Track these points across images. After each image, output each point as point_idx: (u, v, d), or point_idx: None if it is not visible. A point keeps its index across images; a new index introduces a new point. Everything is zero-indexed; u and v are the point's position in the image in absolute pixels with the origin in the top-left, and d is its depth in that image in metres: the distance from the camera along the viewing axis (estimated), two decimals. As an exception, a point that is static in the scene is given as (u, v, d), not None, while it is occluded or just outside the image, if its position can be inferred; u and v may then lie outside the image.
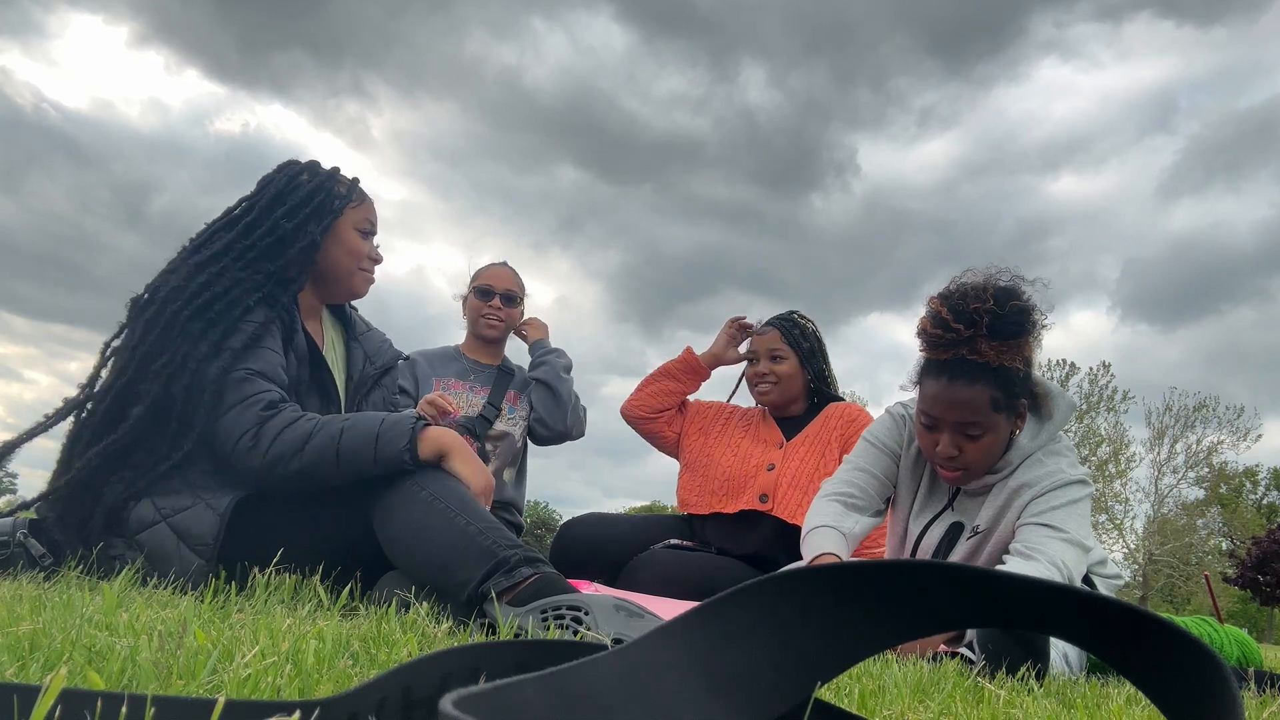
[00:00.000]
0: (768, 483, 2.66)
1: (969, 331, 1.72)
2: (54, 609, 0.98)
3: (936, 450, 1.83)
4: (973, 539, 1.89)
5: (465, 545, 1.45)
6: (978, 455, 1.81)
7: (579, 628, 1.25)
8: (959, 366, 1.75)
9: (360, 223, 1.92)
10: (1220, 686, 0.43)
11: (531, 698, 0.39)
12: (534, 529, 25.81)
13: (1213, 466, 29.86)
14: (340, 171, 1.94)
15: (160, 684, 0.66)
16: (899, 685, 1.02)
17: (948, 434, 1.80)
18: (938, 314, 1.76)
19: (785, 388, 2.79)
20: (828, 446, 2.70)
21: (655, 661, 0.48)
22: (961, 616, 0.52)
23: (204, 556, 1.52)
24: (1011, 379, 1.76)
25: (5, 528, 1.64)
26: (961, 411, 1.77)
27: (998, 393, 1.75)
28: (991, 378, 1.74)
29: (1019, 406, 1.82)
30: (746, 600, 0.51)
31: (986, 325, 1.71)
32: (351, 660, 0.83)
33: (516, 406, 2.92)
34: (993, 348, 1.72)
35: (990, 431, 1.78)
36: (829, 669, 0.54)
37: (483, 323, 2.95)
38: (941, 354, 1.77)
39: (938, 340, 1.76)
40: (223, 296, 1.68)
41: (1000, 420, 1.79)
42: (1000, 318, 1.71)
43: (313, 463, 1.57)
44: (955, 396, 1.76)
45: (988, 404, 1.76)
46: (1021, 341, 1.75)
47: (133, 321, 1.71)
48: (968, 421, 1.77)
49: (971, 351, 1.73)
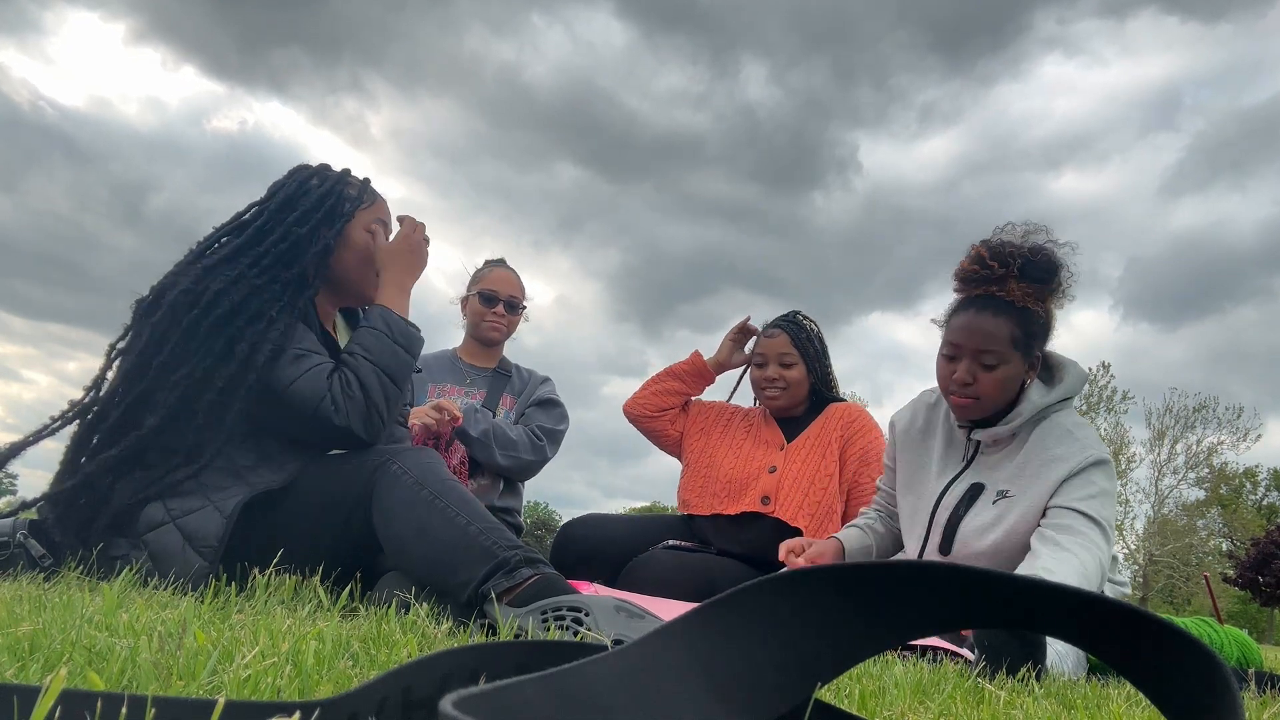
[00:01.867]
0: (770, 485, 2.66)
1: (1002, 270, 1.89)
2: (54, 609, 0.98)
3: (953, 378, 1.96)
4: (999, 502, 1.95)
5: (466, 546, 1.45)
6: (990, 387, 1.94)
7: (579, 629, 1.25)
8: (987, 300, 1.92)
9: (370, 223, 1.91)
10: (1220, 687, 0.43)
11: (531, 698, 0.39)
12: (534, 530, 25.79)
13: (1213, 467, 29.88)
14: (351, 173, 1.93)
15: (160, 685, 0.66)
16: (899, 686, 1.02)
17: (966, 361, 1.94)
18: (977, 254, 1.94)
19: (794, 393, 2.79)
20: (828, 448, 2.70)
21: (655, 662, 0.48)
22: (962, 617, 0.52)
23: (207, 559, 1.51)
24: (1032, 321, 1.92)
25: (5, 528, 1.64)
26: (983, 339, 1.91)
27: (1018, 330, 1.91)
28: (1015, 315, 1.91)
29: (1035, 351, 1.95)
30: (746, 601, 0.51)
31: (1018, 266, 1.88)
32: (351, 661, 0.83)
33: (513, 411, 2.89)
34: (1020, 288, 1.89)
35: (1004, 364, 1.92)
36: (829, 670, 0.54)
37: (485, 326, 2.94)
38: (974, 289, 1.94)
39: (973, 276, 1.94)
40: (243, 308, 1.67)
41: (1016, 357, 1.92)
42: (1031, 262, 1.89)
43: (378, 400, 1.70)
44: (980, 325, 1.92)
45: (1008, 338, 1.91)
46: (1047, 288, 1.91)
47: (138, 324, 1.70)
48: (986, 350, 1.91)
49: (1001, 289, 1.90)
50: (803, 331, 2.81)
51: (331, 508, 1.62)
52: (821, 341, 2.85)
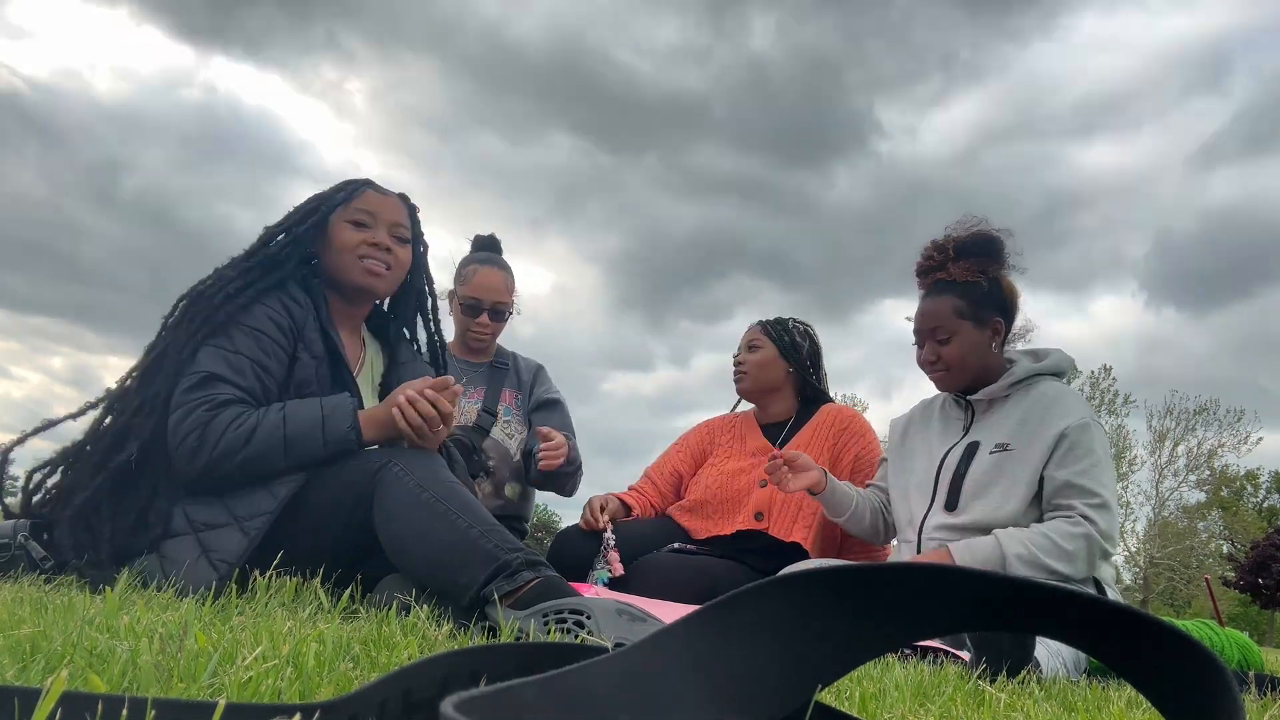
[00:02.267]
0: (762, 500, 2.62)
1: (941, 257, 2.17)
2: (55, 612, 0.99)
3: (922, 359, 2.20)
4: (996, 454, 2.07)
5: (467, 548, 1.45)
6: (952, 356, 2.15)
7: (580, 631, 1.25)
8: (934, 286, 2.19)
9: (351, 215, 1.87)
10: (1221, 689, 0.43)
11: (532, 700, 0.39)
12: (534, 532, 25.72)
13: (1213, 470, 29.85)
14: (368, 181, 1.94)
15: (161, 687, 0.66)
16: (900, 688, 1.02)
17: (927, 343, 2.18)
18: (925, 250, 2.22)
19: (758, 376, 2.77)
20: (819, 458, 2.64)
21: (656, 664, 0.48)
22: (963, 619, 0.52)
23: (221, 572, 1.52)
24: (975, 291, 2.14)
25: (6, 531, 1.64)
26: (930, 320, 2.16)
27: (960, 302, 2.14)
28: (956, 290, 2.15)
29: (988, 318, 2.15)
30: (747, 603, 0.51)
31: (954, 248, 2.16)
32: (352, 663, 0.83)
33: (512, 407, 2.79)
34: (959, 267, 2.14)
35: (956, 335, 2.14)
36: (830, 672, 0.54)
37: (470, 336, 2.79)
38: (926, 281, 2.21)
39: (921, 269, 2.22)
40: (224, 303, 1.71)
41: (965, 326, 2.14)
42: (964, 243, 2.16)
43: (260, 452, 1.60)
44: (926, 308, 2.18)
45: (950, 311, 2.14)
46: (985, 262, 2.15)
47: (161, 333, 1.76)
48: (935, 327, 2.16)
49: (942, 271, 2.17)
50: (779, 325, 2.81)
51: (333, 509, 1.62)
52: (808, 337, 2.83)
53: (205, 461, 1.60)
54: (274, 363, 1.72)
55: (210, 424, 1.61)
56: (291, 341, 1.76)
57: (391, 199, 1.92)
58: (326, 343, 1.81)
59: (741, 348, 2.84)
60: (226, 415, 1.62)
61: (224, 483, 1.62)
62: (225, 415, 1.62)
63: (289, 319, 1.76)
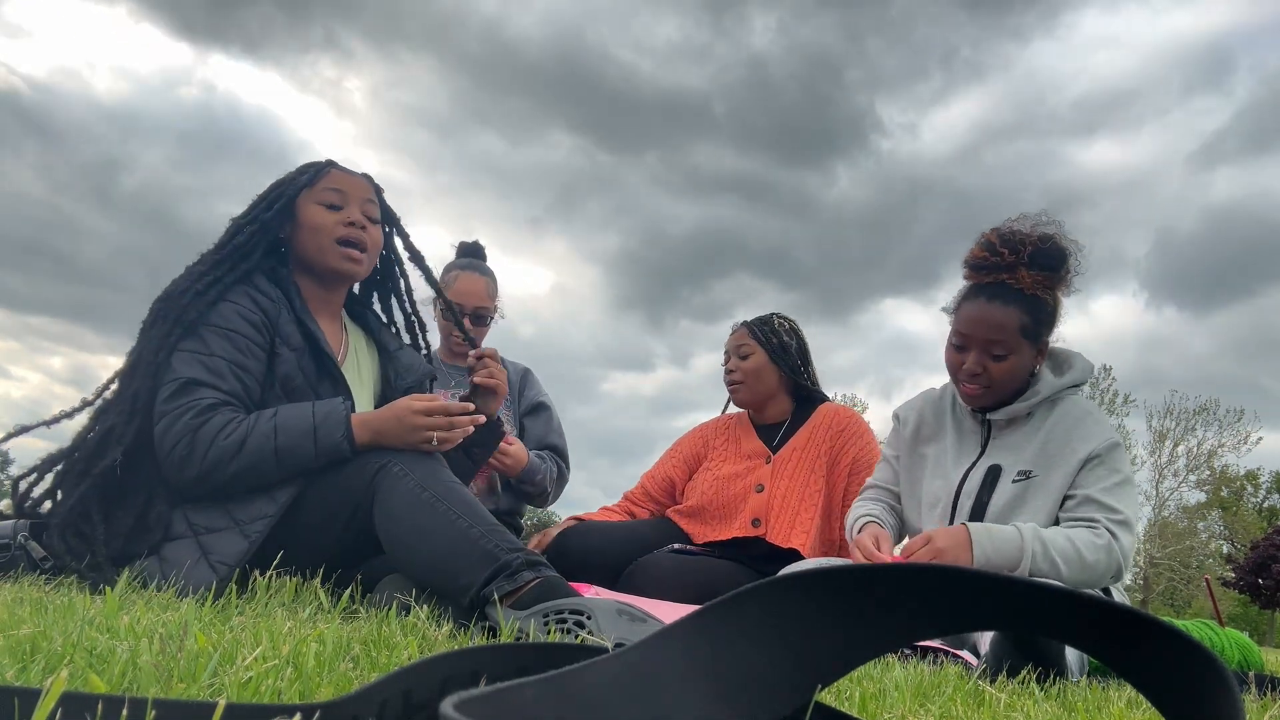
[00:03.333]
0: (759, 505, 2.59)
1: (1012, 257, 1.90)
2: (55, 612, 0.99)
3: (963, 368, 1.97)
4: (1020, 483, 1.95)
5: (468, 548, 1.45)
6: (1000, 375, 1.95)
7: (581, 631, 1.24)
8: (997, 289, 1.92)
9: (321, 196, 1.83)
10: (1221, 689, 0.43)
11: (532, 700, 0.39)
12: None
13: (1213, 470, 29.84)
14: (330, 161, 1.90)
15: (161, 687, 0.66)
16: (900, 688, 1.02)
17: (976, 352, 1.94)
18: (988, 241, 1.95)
19: (754, 385, 2.73)
20: (817, 461, 2.63)
21: (656, 664, 0.48)
22: (963, 620, 0.52)
23: (221, 575, 1.52)
24: (1041, 309, 1.93)
25: (6, 531, 1.64)
26: (992, 330, 1.92)
27: (1027, 319, 1.91)
28: (1025, 303, 1.91)
29: (1043, 339, 1.96)
30: (747, 603, 0.51)
31: (1028, 254, 1.89)
32: (352, 663, 0.83)
33: (501, 411, 2.73)
34: (1031, 276, 1.90)
35: (1014, 354, 1.93)
36: (830, 672, 0.54)
37: (453, 342, 2.78)
38: (984, 277, 1.94)
39: (983, 263, 1.94)
40: (192, 302, 1.69)
41: (1025, 346, 1.93)
42: (1041, 250, 1.90)
43: (252, 463, 1.58)
44: (990, 315, 1.92)
45: (1017, 327, 1.91)
46: (1056, 276, 1.93)
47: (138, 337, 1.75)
48: (996, 340, 1.92)
49: (1011, 277, 1.91)
50: (765, 326, 2.78)
51: (333, 510, 1.62)
52: (794, 335, 2.80)
53: (196, 472, 1.58)
54: (253, 361, 1.69)
55: (199, 432, 1.59)
56: (267, 337, 1.72)
57: (358, 178, 1.89)
58: (304, 334, 1.77)
59: (730, 353, 2.78)
60: (215, 423, 1.59)
61: (217, 493, 1.61)
62: (213, 423, 1.59)
63: (260, 314, 1.72)
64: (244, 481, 1.60)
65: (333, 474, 1.63)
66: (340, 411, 1.63)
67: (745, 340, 2.76)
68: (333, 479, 1.63)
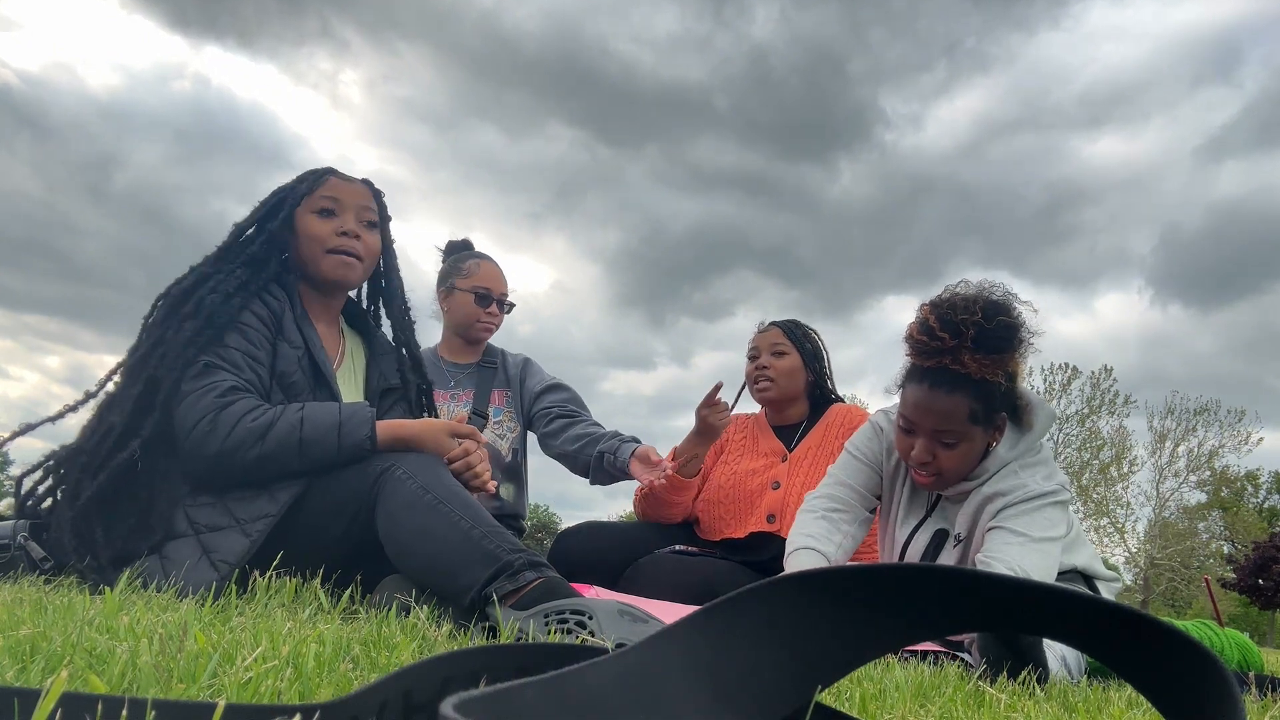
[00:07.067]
0: (775, 502, 2.61)
1: (954, 342, 1.73)
2: (55, 612, 0.99)
3: (912, 454, 1.86)
4: (957, 546, 1.90)
5: (469, 548, 1.45)
6: (951, 463, 1.84)
7: (581, 632, 1.24)
8: (941, 375, 1.78)
9: (316, 205, 1.85)
10: (1221, 690, 0.43)
11: (532, 701, 0.39)
12: (534, 532, 25.73)
13: (1214, 470, 29.83)
14: (329, 170, 1.92)
15: (161, 687, 0.66)
16: (900, 689, 1.02)
17: (924, 439, 1.83)
18: (925, 321, 1.78)
19: (785, 385, 2.75)
20: (830, 459, 2.60)
21: (656, 665, 0.48)
22: (963, 620, 0.52)
23: (222, 573, 1.52)
24: (992, 393, 1.79)
25: (6, 531, 1.64)
26: (938, 419, 1.80)
27: (976, 405, 1.78)
28: (972, 389, 1.77)
29: (997, 420, 1.84)
30: (748, 604, 0.51)
31: (971, 337, 1.73)
32: (352, 664, 0.83)
33: (503, 407, 2.77)
34: (976, 360, 1.73)
35: (965, 441, 1.81)
36: (830, 673, 0.53)
37: (479, 327, 2.77)
38: (926, 361, 1.80)
39: (923, 347, 1.78)
40: (203, 296, 1.72)
41: (976, 432, 1.82)
42: (986, 331, 1.73)
43: (274, 451, 1.59)
44: (934, 404, 1.79)
45: (965, 415, 1.79)
46: (1005, 357, 1.77)
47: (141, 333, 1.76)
48: (944, 429, 1.80)
49: (955, 362, 1.75)
50: (799, 328, 2.79)
51: (335, 510, 1.62)
52: (821, 344, 2.83)
53: (216, 449, 1.59)
54: (262, 353, 1.74)
55: (223, 411, 1.61)
56: (273, 332, 1.77)
57: (356, 184, 1.91)
58: (303, 339, 1.82)
59: (763, 350, 2.76)
60: (241, 405, 1.62)
61: (234, 476, 1.62)
62: (240, 405, 1.62)
63: (267, 310, 1.77)
64: (263, 468, 1.61)
65: (335, 475, 1.64)
66: (365, 412, 1.65)
67: (781, 340, 2.76)
68: (335, 480, 1.63)
